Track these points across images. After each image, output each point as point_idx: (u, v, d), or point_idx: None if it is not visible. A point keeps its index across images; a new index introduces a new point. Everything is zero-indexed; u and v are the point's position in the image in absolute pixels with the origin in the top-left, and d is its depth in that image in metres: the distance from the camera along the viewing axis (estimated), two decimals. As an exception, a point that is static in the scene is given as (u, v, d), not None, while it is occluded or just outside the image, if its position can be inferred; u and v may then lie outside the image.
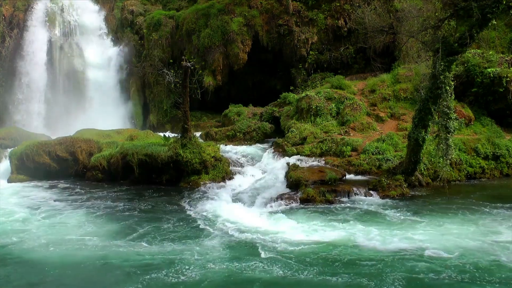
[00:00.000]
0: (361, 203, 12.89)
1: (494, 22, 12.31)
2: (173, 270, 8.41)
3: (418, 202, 12.86)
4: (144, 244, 9.89)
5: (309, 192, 13.22)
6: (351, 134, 17.73)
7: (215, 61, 24.57)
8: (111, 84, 27.28)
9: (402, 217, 11.39)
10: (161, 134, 20.10)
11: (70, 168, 17.51)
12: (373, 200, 13.19)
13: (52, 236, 10.56)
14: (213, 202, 13.27)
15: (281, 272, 8.29)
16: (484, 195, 13.53)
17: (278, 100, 22.68)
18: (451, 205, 12.39)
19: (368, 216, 11.51)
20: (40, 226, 11.37)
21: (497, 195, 13.51)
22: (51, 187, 16.09)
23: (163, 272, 8.34)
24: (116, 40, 28.05)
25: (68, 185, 16.33)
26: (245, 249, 9.48)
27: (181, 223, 11.46)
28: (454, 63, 12.86)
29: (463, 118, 17.63)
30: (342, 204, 12.76)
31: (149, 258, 9.06)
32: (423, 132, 13.39)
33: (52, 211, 12.81)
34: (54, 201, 14.01)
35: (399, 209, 12.08)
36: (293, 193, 13.57)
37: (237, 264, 8.65)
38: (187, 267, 8.56)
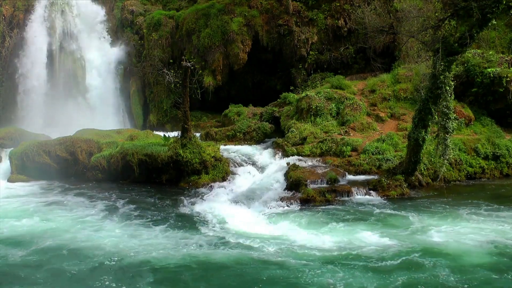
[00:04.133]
0: (361, 203, 12.89)
1: (494, 22, 12.30)
2: (170, 270, 8.41)
3: (418, 202, 12.86)
4: (141, 244, 9.86)
5: (309, 192, 13.22)
6: (351, 134, 17.73)
7: (215, 61, 24.57)
8: (111, 84, 27.24)
9: (401, 217, 11.39)
10: (161, 134, 20.09)
11: (70, 168, 17.50)
12: (373, 200, 13.20)
13: (52, 234, 10.53)
14: (213, 202, 13.27)
15: (280, 273, 8.29)
16: (484, 195, 13.53)
17: (278, 100, 22.67)
18: (451, 205, 12.40)
19: (367, 216, 11.50)
20: (39, 225, 11.35)
21: (497, 195, 13.51)
22: (51, 187, 16.08)
23: (159, 272, 8.34)
24: (116, 40, 28.03)
25: (68, 185, 16.32)
26: (245, 249, 9.47)
27: (180, 223, 11.45)
28: (454, 63, 12.87)
29: (463, 118, 17.64)
30: (342, 204, 12.77)
31: (146, 258, 9.05)
32: (423, 132, 13.40)
33: (51, 210, 12.79)
34: (54, 201, 13.98)
35: (399, 209, 12.08)
36: (293, 193, 13.58)
37: (235, 264, 8.64)
38: (184, 266, 8.57)
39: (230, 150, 18.34)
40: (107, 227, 11.12)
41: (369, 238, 9.92)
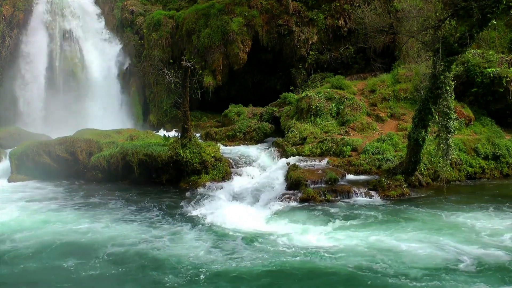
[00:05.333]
0: (361, 203, 12.89)
1: (494, 22, 12.29)
2: (170, 270, 8.41)
3: (418, 202, 12.85)
4: (142, 243, 9.85)
5: (309, 192, 13.22)
6: (351, 134, 17.73)
7: (215, 61, 24.57)
8: (111, 84, 27.25)
9: (401, 218, 11.39)
10: (161, 134, 20.09)
11: (70, 168, 17.50)
12: (373, 200, 13.20)
13: (121, 242, 10.19)
14: (213, 202, 13.26)
15: (278, 272, 8.28)
16: (484, 195, 13.53)
17: (278, 100, 22.68)
18: (451, 205, 12.38)
19: (367, 216, 11.49)
20: (39, 224, 11.27)
21: (497, 195, 13.51)
22: (51, 187, 16.07)
23: (160, 272, 8.32)
24: (116, 40, 28.03)
25: (68, 185, 16.34)
26: (244, 248, 9.46)
27: (180, 223, 11.45)
28: (454, 63, 12.86)
29: (463, 118, 17.63)
30: (342, 204, 12.76)
31: (146, 257, 9.03)
32: (423, 132, 13.40)
33: (52, 210, 12.75)
34: (54, 201, 13.95)
35: (398, 209, 12.07)
36: (293, 193, 13.57)
37: (234, 264, 8.64)
38: (184, 266, 8.57)
39: (230, 150, 18.34)
40: (105, 227, 11.00)
41: (363, 238, 9.77)
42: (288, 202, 13.03)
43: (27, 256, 9.24)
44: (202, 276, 8.14)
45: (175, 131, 21.90)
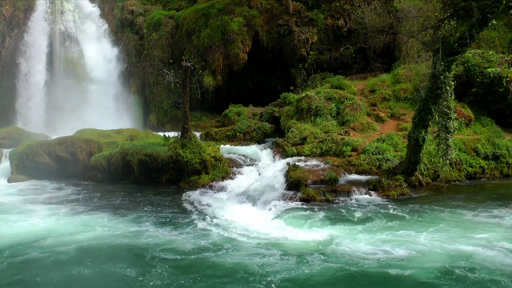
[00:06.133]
0: (361, 203, 12.88)
1: (494, 22, 12.27)
2: (170, 270, 8.41)
3: (418, 202, 12.84)
4: (142, 244, 9.83)
5: (309, 192, 13.22)
6: (351, 134, 17.73)
7: (215, 61, 24.59)
8: (111, 83, 27.27)
9: (400, 218, 11.38)
10: (161, 134, 20.11)
11: (70, 168, 17.51)
12: (373, 200, 13.18)
13: (97, 238, 10.21)
14: (213, 202, 13.27)
15: (279, 271, 8.28)
16: (484, 195, 13.53)
17: (278, 100, 22.69)
18: (451, 205, 12.38)
19: (367, 217, 11.48)
20: (79, 228, 11.09)
21: (497, 195, 13.51)
22: (51, 187, 16.09)
23: (160, 274, 8.33)
24: (116, 40, 28.04)
25: (68, 185, 16.32)
26: (244, 248, 9.47)
27: (180, 223, 11.45)
28: (454, 63, 12.85)
29: (463, 118, 17.64)
30: (342, 204, 12.76)
31: (145, 258, 9.03)
32: (423, 132, 13.40)
33: (83, 213, 12.59)
34: (76, 202, 13.82)
35: (398, 210, 12.06)
36: (293, 193, 13.57)
37: (234, 264, 8.63)
38: (184, 265, 8.58)
39: (230, 150, 18.35)
40: (105, 227, 10.99)
41: (362, 238, 9.72)
42: (288, 202, 13.03)
43: (79, 261, 8.86)
44: (273, 285, 7.74)
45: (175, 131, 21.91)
